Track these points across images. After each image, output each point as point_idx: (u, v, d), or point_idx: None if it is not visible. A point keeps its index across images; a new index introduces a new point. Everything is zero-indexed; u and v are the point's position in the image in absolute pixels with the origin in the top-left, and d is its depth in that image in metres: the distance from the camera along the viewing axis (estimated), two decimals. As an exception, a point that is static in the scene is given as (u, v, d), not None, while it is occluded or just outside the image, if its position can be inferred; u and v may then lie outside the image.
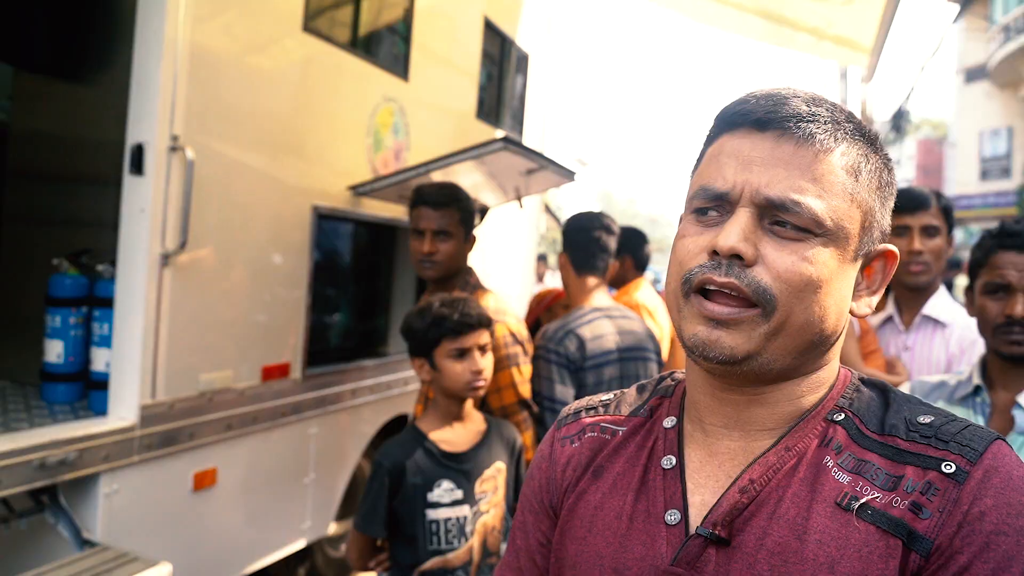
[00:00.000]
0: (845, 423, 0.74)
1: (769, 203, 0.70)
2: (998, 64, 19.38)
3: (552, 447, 0.91)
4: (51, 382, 2.53)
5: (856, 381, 0.79)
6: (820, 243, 0.70)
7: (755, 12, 4.38)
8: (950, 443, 0.69)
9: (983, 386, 1.61)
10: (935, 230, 2.16)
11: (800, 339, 0.71)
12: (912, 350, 2.22)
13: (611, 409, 0.90)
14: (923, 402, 0.76)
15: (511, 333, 2.31)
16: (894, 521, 0.66)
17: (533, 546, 0.89)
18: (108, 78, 2.68)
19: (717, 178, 0.73)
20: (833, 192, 0.71)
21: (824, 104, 0.74)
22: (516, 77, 5.21)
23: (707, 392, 0.78)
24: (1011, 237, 1.57)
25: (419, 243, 2.36)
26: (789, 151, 0.71)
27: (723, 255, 0.69)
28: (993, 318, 1.57)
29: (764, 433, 0.75)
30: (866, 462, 0.70)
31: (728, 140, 0.75)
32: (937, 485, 0.66)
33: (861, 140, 0.75)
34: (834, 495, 0.69)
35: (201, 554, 2.62)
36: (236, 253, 2.70)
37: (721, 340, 0.70)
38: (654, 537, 0.75)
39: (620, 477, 0.82)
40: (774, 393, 0.75)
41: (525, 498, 0.93)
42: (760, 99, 0.74)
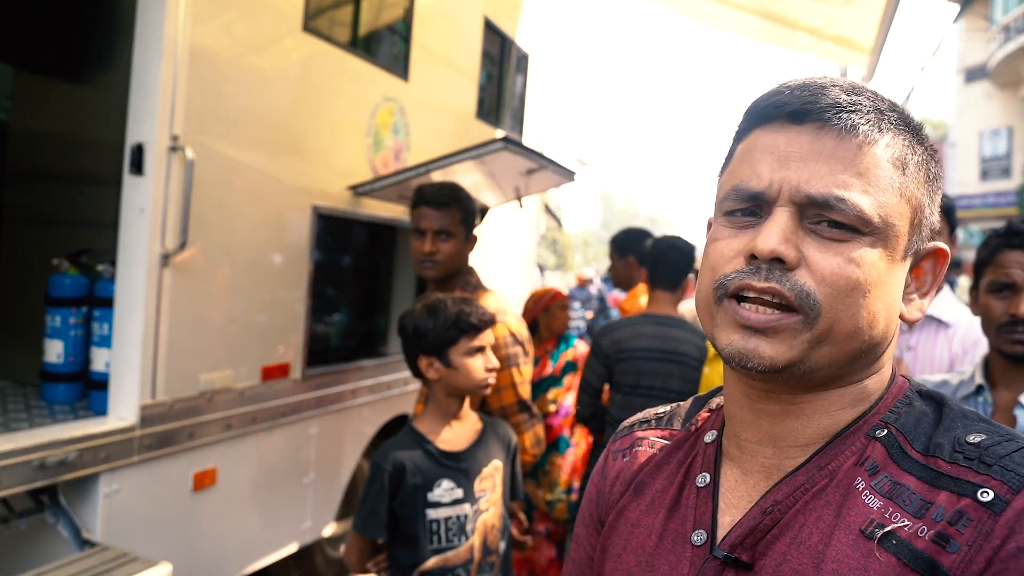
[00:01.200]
0: (886, 440, 0.67)
1: (811, 201, 0.65)
2: (998, 64, 19.38)
3: (606, 461, 0.89)
4: (51, 382, 2.53)
5: (912, 393, 0.72)
6: (868, 243, 0.65)
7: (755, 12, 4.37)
8: (994, 467, 0.60)
9: (985, 385, 1.61)
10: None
11: (847, 347, 0.66)
12: (915, 350, 2.22)
13: (663, 423, 0.87)
14: (983, 419, 0.67)
15: (511, 333, 2.30)
16: (916, 554, 0.59)
17: (583, 559, 0.88)
18: (108, 78, 2.67)
19: (751, 176, 0.68)
20: (880, 187, 0.65)
21: (865, 92, 0.69)
22: (516, 77, 5.21)
23: (743, 404, 0.73)
24: (1018, 236, 1.57)
25: (420, 243, 2.36)
26: (830, 144, 0.65)
27: (763, 259, 0.64)
28: (997, 317, 1.57)
29: (798, 450, 0.70)
30: (902, 485, 0.63)
31: (761, 135, 0.69)
32: (970, 515, 0.59)
33: (906, 130, 0.69)
34: (860, 521, 0.63)
35: (201, 554, 2.62)
36: (236, 253, 2.70)
37: (760, 349, 0.65)
38: (680, 557, 0.72)
39: (659, 495, 0.79)
40: (812, 404, 0.69)
41: (582, 510, 0.92)
42: (795, 89, 0.69)
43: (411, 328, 2.00)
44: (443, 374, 1.96)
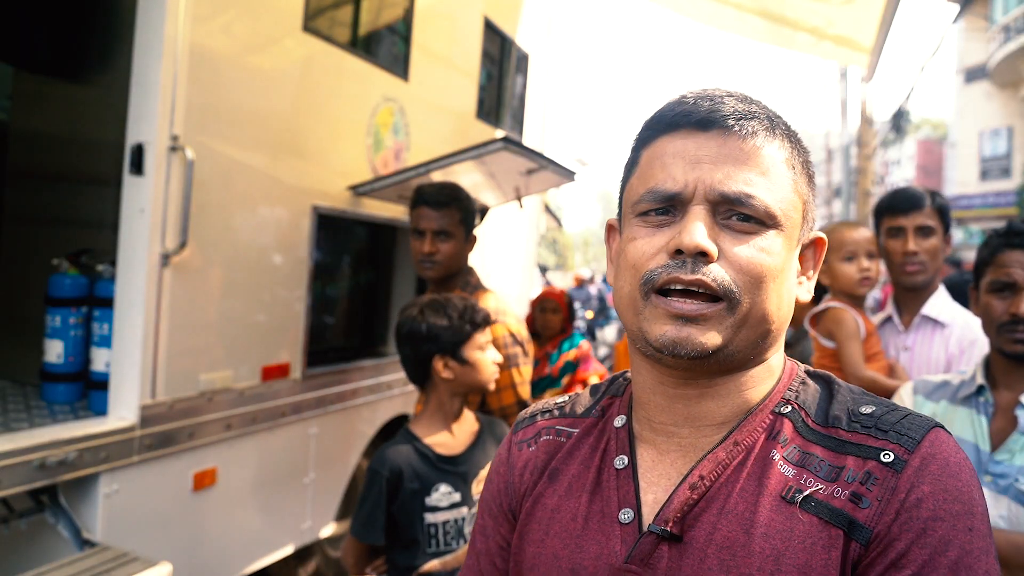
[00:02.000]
0: (791, 415, 0.75)
1: (724, 198, 0.71)
2: (998, 64, 19.38)
3: (510, 451, 0.92)
4: (51, 382, 2.53)
5: (802, 374, 0.81)
6: (773, 234, 0.73)
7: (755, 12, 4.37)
8: (889, 432, 0.70)
9: (986, 385, 1.61)
10: (930, 230, 2.16)
11: (761, 329, 0.73)
12: (912, 350, 2.22)
13: (565, 411, 0.91)
14: (867, 393, 0.77)
15: (511, 334, 2.31)
16: (835, 512, 0.68)
17: (493, 549, 0.90)
18: (108, 78, 2.68)
19: (666, 179, 0.73)
20: (779, 184, 0.74)
21: (756, 102, 0.77)
22: (516, 77, 5.21)
23: (657, 391, 0.78)
24: (1018, 236, 1.57)
25: (420, 243, 2.36)
26: (735, 147, 0.73)
27: (689, 253, 0.70)
28: (998, 316, 1.57)
29: (713, 428, 0.76)
30: (810, 454, 0.72)
31: (669, 142, 0.75)
32: (876, 475, 0.68)
33: (791, 136, 0.78)
34: (779, 488, 0.71)
35: (201, 554, 2.62)
36: (236, 253, 2.70)
37: (692, 336, 0.70)
38: (609, 536, 0.76)
39: (575, 479, 0.83)
40: (726, 385, 0.76)
41: (484, 502, 0.94)
42: (698, 100, 0.75)
43: (424, 330, 1.96)
44: (457, 372, 1.95)
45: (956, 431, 1.60)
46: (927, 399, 1.69)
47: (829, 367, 2.22)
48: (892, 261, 2.22)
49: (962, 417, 1.61)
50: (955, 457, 0.69)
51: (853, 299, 2.24)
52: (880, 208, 2.27)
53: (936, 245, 2.17)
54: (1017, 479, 1.46)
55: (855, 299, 2.24)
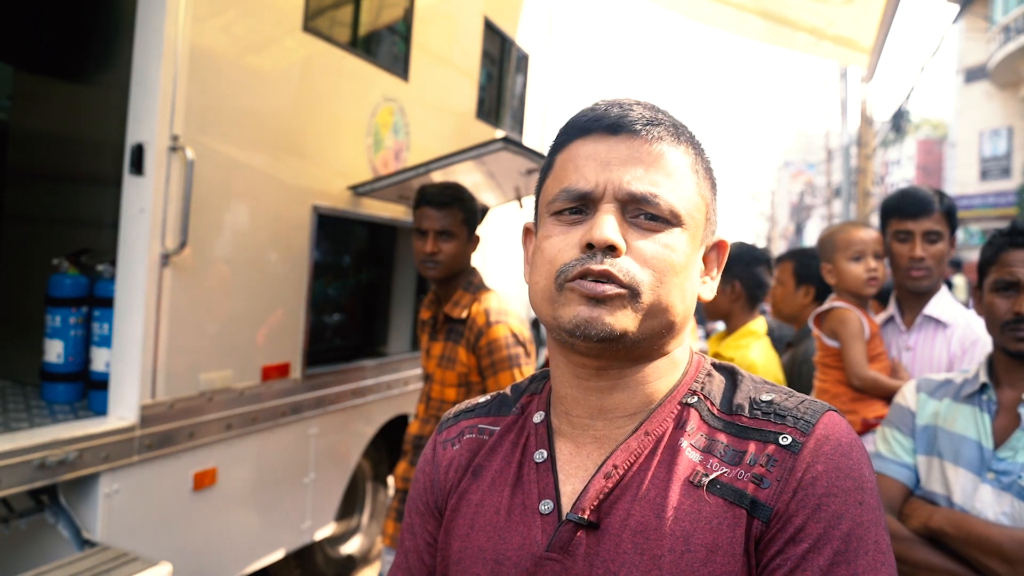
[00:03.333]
0: (697, 405, 0.80)
1: (631, 197, 0.76)
2: (998, 64, 19.38)
3: (435, 450, 0.95)
4: (51, 382, 2.53)
5: (708, 366, 0.86)
6: (677, 232, 0.78)
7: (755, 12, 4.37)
8: (787, 417, 0.76)
9: (989, 384, 1.61)
10: (937, 235, 2.15)
11: (663, 319, 0.77)
12: (914, 350, 2.22)
13: (488, 409, 0.95)
14: (768, 382, 0.82)
15: (513, 334, 2.30)
16: (738, 492, 0.72)
17: (421, 546, 0.93)
18: (108, 78, 2.68)
19: (579, 179, 0.78)
20: (683, 186, 0.79)
21: (662, 111, 0.82)
22: (516, 77, 5.21)
23: (572, 384, 0.83)
24: (1022, 235, 1.58)
25: (422, 243, 2.35)
26: (644, 151, 0.78)
27: (599, 247, 0.74)
28: (1001, 315, 1.58)
29: (625, 420, 0.81)
30: (716, 440, 0.77)
31: (582, 145, 0.80)
32: (775, 457, 0.73)
33: (694, 144, 0.83)
34: (688, 473, 0.75)
35: (201, 554, 2.62)
36: (236, 253, 2.70)
37: (602, 317, 0.74)
38: (530, 527, 0.80)
39: (498, 475, 0.86)
40: (634, 376, 0.80)
41: (412, 500, 0.96)
42: (610, 107, 0.81)
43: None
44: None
45: (959, 429, 1.60)
46: (930, 397, 1.69)
47: (832, 366, 2.21)
48: (898, 264, 2.21)
49: (965, 415, 1.61)
50: (847, 438, 0.74)
51: (858, 299, 2.23)
52: (887, 209, 2.25)
53: (943, 250, 2.16)
54: (1020, 476, 1.46)
55: (860, 299, 2.24)
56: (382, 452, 4.00)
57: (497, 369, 2.26)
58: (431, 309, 2.48)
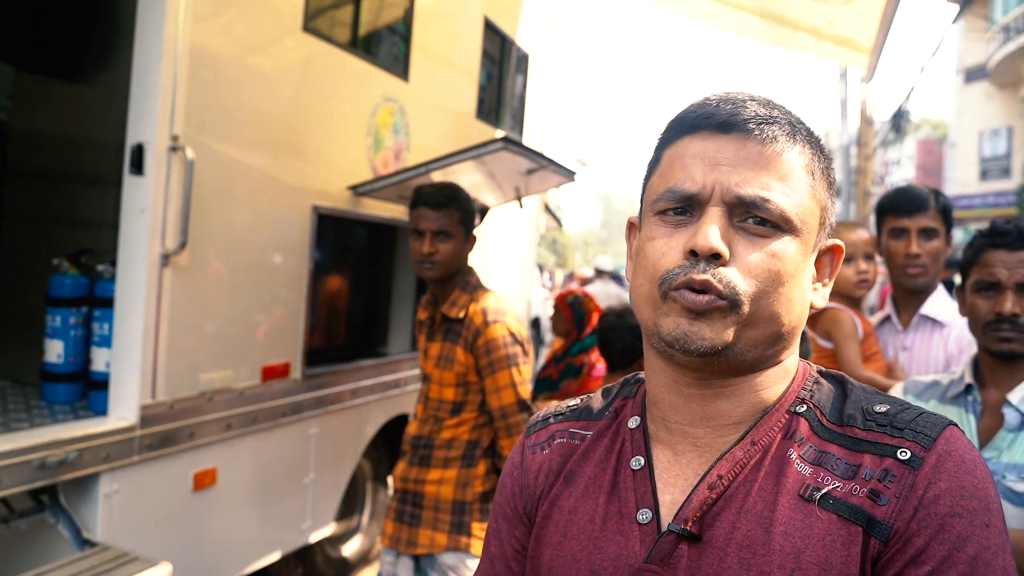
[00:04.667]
0: (807, 415, 0.76)
1: (740, 201, 0.72)
2: (998, 64, 19.38)
3: (523, 454, 0.92)
4: (51, 382, 2.53)
5: (815, 374, 0.82)
6: (787, 239, 0.73)
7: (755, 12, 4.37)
8: (905, 430, 0.71)
9: (974, 385, 1.63)
10: (933, 232, 2.15)
11: (768, 330, 0.73)
12: (910, 350, 2.22)
13: (578, 413, 0.91)
14: (879, 392, 0.78)
15: (511, 333, 2.31)
16: (854, 509, 0.68)
17: (508, 553, 0.90)
18: (108, 78, 2.68)
19: (686, 180, 0.74)
20: (796, 190, 0.74)
21: (778, 107, 0.78)
22: (516, 77, 5.21)
23: (672, 390, 0.79)
24: (1001, 236, 1.59)
25: (419, 243, 2.36)
26: (754, 152, 0.73)
27: (702, 254, 0.71)
28: (983, 316, 1.59)
29: (729, 428, 0.77)
30: (827, 453, 0.73)
31: (690, 143, 0.76)
32: (893, 472, 0.69)
33: (812, 142, 0.78)
34: (797, 487, 0.71)
35: (201, 554, 2.63)
36: (236, 253, 2.70)
37: (702, 332, 0.71)
38: (627, 537, 0.76)
39: (591, 481, 0.83)
40: (740, 386, 0.76)
41: (498, 505, 0.93)
42: (721, 103, 0.76)
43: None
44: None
45: None
46: (917, 399, 1.70)
47: (826, 367, 2.22)
48: (893, 262, 2.21)
49: (951, 416, 1.62)
50: (970, 454, 0.70)
51: (850, 300, 2.23)
52: (883, 207, 2.26)
53: (938, 247, 2.17)
54: (1005, 476, 1.48)
55: (852, 300, 2.24)
56: (382, 452, 4.00)
57: (495, 368, 2.27)
58: (428, 309, 2.48)
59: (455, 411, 2.34)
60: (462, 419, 2.33)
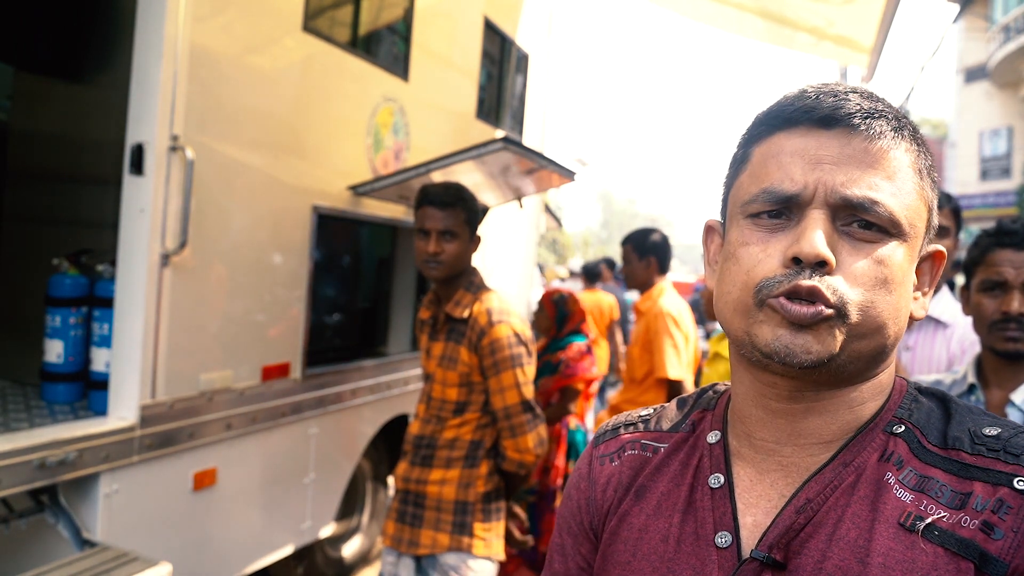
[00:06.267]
0: (906, 436, 0.69)
1: (846, 203, 0.66)
2: (998, 64, 19.38)
3: (591, 466, 0.87)
4: (51, 382, 2.53)
5: (913, 391, 0.75)
6: (895, 244, 0.68)
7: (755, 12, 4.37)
8: (1021, 456, 0.64)
9: (978, 384, 1.62)
10: (945, 231, 2.16)
11: (875, 342, 0.68)
12: (913, 350, 2.22)
13: (651, 425, 0.86)
14: (987, 413, 0.71)
15: (515, 333, 2.30)
16: (964, 542, 0.61)
17: (572, 570, 0.85)
18: (108, 78, 2.67)
19: (784, 179, 0.68)
20: (905, 190, 0.68)
21: (882, 100, 0.71)
22: (516, 77, 5.21)
23: (759, 404, 0.73)
24: (1008, 235, 1.59)
25: (424, 243, 2.35)
26: (860, 148, 0.67)
27: (808, 263, 0.65)
28: (989, 315, 1.59)
29: (820, 447, 0.71)
30: (930, 478, 0.66)
31: (786, 139, 0.70)
32: (1009, 503, 0.62)
33: (917, 138, 0.72)
34: (897, 515, 0.64)
35: (201, 554, 2.62)
36: (236, 253, 2.70)
37: (808, 344, 0.66)
38: (704, 561, 0.71)
39: (664, 498, 0.78)
40: (834, 400, 0.70)
41: (563, 519, 0.88)
42: (821, 95, 0.70)
43: None
44: None
45: None
46: None
47: None
48: None
49: None
50: None
51: None
52: None
53: (949, 246, 2.17)
54: None
55: None
56: (382, 452, 4.00)
57: (499, 369, 2.26)
58: (431, 309, 2.48)
59: (458, 411, 2.34)
60: (465, 419, 2.33)
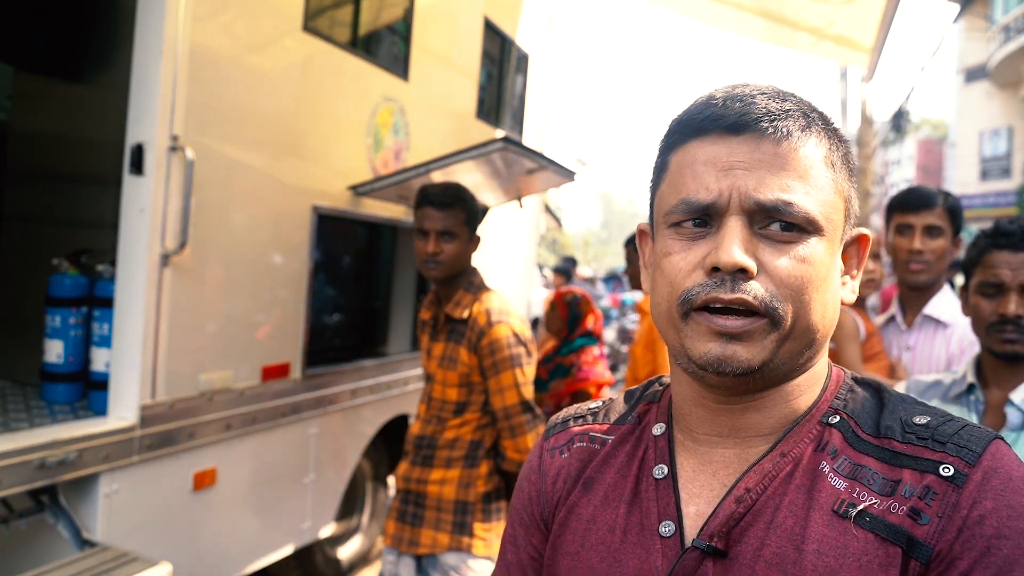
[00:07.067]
0: (840, 426, 0.72)
1: (760, 207, 0.67)
2: (998, 64, 19.39)
3: (541, 458, 0.89)
4: (51, 382, 2.53)
5: (849, 381, 0.77)
6: (814, 240, 0.69)
7: (755, 12, 4.37)
8: (947, 444, 0.67)
9: (976, 384, 1.63)
10: (938, 230, 2.15)
11: (805, 340, 0.70)
12: (913, 350, 2.22)
13: (599, 417, 0.87)
14: (919, 401, 0.74)
15: (514, 334, 2.30)
16: (893, 528, 0.64)
17: (524, 560, 0.87)
18: (108, 78, 2.67)
19: (699, 189, 0.69)
20: (818, 187, 0.70)
21: (790, 98, 0.72)
22: (516, 77, 5.21)
23: (698, 404, 0.76)
24: (1005, 236, 1.59)
25: (424, 244, 2.35)
26: (770, 152, 0.68)
27: (727, 271, 0.67)
28: (987, 317, 1.59)
29: (759, 439, 0.73)
30: (862, 467, 0.69)
31: (699, 147, 0.71)
32: (935, 489, 0.65)
33: (828, 129, 0.73)
34: (831, 502, 0.67)
35: (201, 554, 2.62)
36: (236, 253, 2.70)
37: (738, 354, 0.67)
38: (648, 550, 0.73)
39: (611, 489, 0.80)
40: (771, 397, 0.73)
41: (515, 510, 0.90)
42: (728, 100, 0.71)
43: None
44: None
45: None
46: (919, 398, 1.70)
47: None
48: (898, 258, 2.22)
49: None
50: (1018, 471, 0.65)
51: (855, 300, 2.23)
52: (891, 205, 2.27)
53: (943, 246, 2.17)
54: None
55: (856, 300, 2.24)
56: (382, 452, 4.00)
57: (499, 369, 2.27)
58: (431, 309, 2.48)
59: (458, 411, 2.34)
60: (465, 419, 2.33)
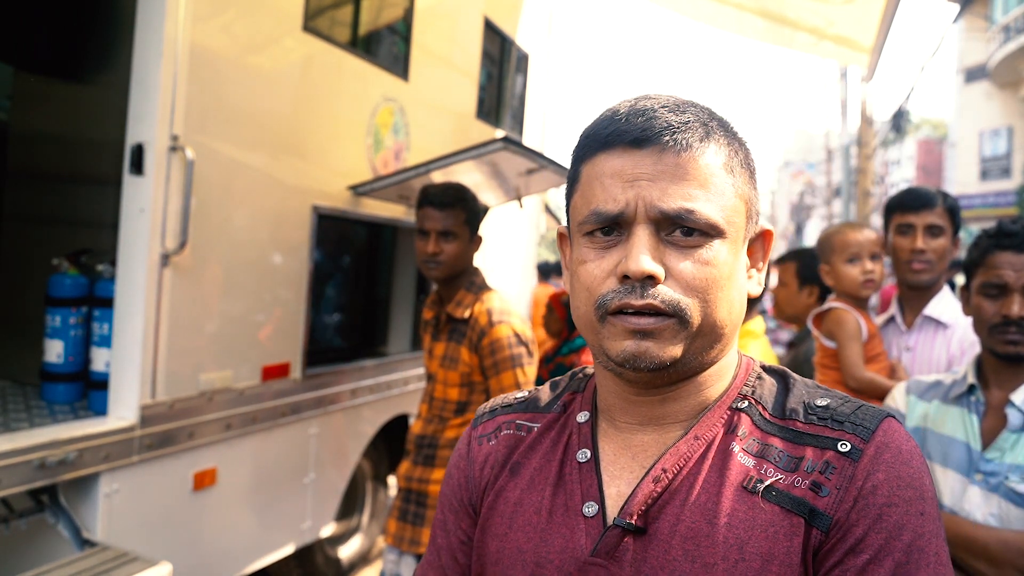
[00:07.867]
0: (748, 410, 0.78)
1: (664, 216, 0.72)
2: (998, 64, 19.38)
3: (469, 446, 0.93)
4: (51, 382, 2.53)
5: (758, 369, 0.83)
6: (718, 243, 0.74)
7: (755, 12, 4.37)
8: (845, 423, 0.73)
9: (977, 385, 1.62)
10: (939, 230, 2.15)
11: (714, 336, 0.76)
12: (913, 350, 2.22)
13: (526, 406, 0.92)
14: (820, 386, 0.80)
15: (515, 334, 2.30)
16: (796, 500, 0.70)
17: (454, 544, 0.90)
18: (108, 78, 2.67)
19: (607, 200, 0.74)
20: (718, 193, 0.74)
21: (689, 109, 0.77)
22: (516, 77, 5.21)
23: (619, 396, 0.81)
24: (1008, 237, 1.58)
25: (424, 243, 2.35)
26: (671, 163, 0.73)
27: (635, 279, 0.71)
28: (989, 318, 1.58)
29: (676, 426, 0.79)
30: (769, 446, 0.75)
31: (607, 160, 0.76)
32: (834, 464, 0.71)
33: (727, 135, 0.78)
34: (741, 479, 0.73)
35: (201, 554, 2.62)
36: (236, 253, 2.70)
37: (650, 350, 0.72)
38: (573, 529, 0.77)
39: (537, 473, 0.84)
40: (684, 388, 0.78)
41: (445, 497, 0.94)
42: (631, 116, 0.76)
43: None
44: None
45: (948, 430, 1.61)
46: (919, 399, 1.70)
47: (830, 367, 2.21)
48: (899, 258, 2.21)
49: (954, 416, 1.61)
50: (907, 445, 0.72)
51: (856, 300, 2.23)
52: (891, 205, 2.27)
53: (944, 245, 2.16)
54: (1007, 477, 1.47)
55: (858, 301, 2.24)
56: (382, 452, 4.00)
57: (499, 369, 2.27)
58: (433, 309, 2.48)
59: (459, 411, 2.34)
60: (466, 419, 2.33)
